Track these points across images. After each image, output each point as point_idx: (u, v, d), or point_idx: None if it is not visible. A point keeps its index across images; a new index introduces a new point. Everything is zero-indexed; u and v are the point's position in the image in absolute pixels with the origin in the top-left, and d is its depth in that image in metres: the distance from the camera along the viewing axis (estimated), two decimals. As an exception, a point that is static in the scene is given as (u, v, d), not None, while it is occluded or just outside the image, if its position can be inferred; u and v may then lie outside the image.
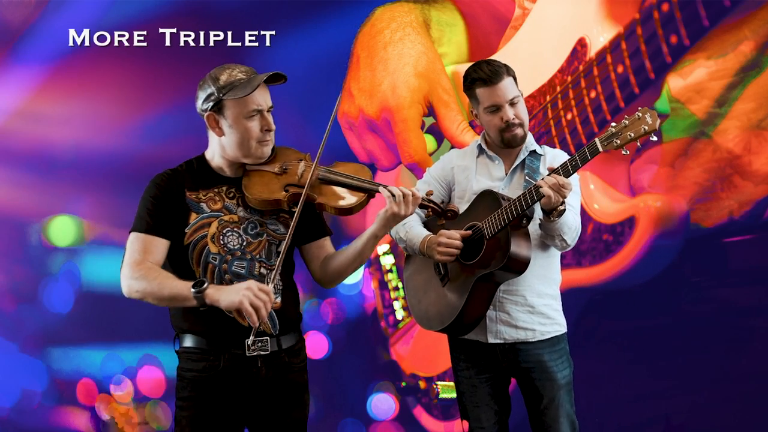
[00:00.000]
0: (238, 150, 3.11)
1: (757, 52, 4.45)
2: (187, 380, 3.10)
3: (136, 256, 3.06)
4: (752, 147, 4.51)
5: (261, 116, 3.10)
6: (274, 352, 3.11)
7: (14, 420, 5.71)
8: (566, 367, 3.50)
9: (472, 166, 3.53)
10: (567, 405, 3.48)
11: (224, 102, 3.07)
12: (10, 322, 5.73)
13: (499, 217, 3.30)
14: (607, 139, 3.17)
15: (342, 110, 5.44)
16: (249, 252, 3.11)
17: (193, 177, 3.15)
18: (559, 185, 3.18)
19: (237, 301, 2.90)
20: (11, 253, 5.75)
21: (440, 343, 5.27)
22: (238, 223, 3.11)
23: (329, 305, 5.57)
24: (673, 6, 4.45)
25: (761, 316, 4.62)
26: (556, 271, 3.55)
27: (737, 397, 4.61)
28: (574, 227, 3.36)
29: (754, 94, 4.49)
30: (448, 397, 5.19)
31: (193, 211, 3.11)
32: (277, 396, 3.13)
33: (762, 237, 4.57)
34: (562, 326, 3.55)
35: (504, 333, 3.46)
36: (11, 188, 5.74)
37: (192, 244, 3.09)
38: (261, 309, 2.91)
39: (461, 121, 5.15)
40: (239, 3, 5.54)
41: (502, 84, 3.40)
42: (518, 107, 3.42)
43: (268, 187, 3.09)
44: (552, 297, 3.52)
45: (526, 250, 3.32)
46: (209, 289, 2.94)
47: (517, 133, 3.43)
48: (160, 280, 2.99)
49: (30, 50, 5.63)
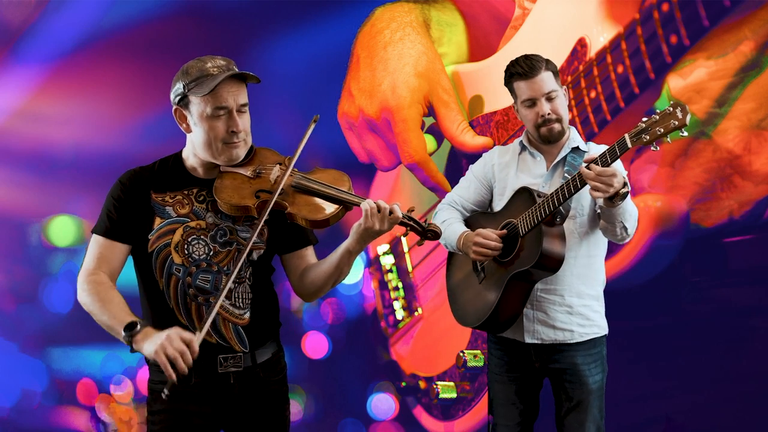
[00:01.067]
0: (206, 150, 2.89)
1: (757, 52, 4.45)
2: (157, 393, 2.85)
3: (91, 264, 2.89)
4: (752, 147, 4.51)
5: (228, 116, 2.86)
6: (248, 368, 2.92)
7: (14, 420, 5.71)
8: (599, 372, 3.45)
9: (513, 162, 3.50)
10: (595, 411, 3.43)
11: (189, 97, 2.88)
12: (10, 322, 5.73)
13: (533, 214, 3.27)
14: (636, 134, 3.11)
15: (342, 110, 5.44)
16: (215, 263, 2.90)
17: (164, 177, 2.95)
18: (599, 176, 3.10)
19: (153, 351, 2.70)
20: (11, 253, 5.76)
21: (440, 343, 5.28)
22: (205, 230, 2.90)
23: (329, 305, 5.57)
24: (673, 6, 4.45)
25: (761, 316, 4.62)
26: (599, 270, 3.48)
27: (737, 397, 4.61)
28: (635, 215, 3.28)
29: (754, 94, 4.48)
30: (448, 397, 5.19)
31: (157, 215, 2.91)
32: (253, 411, 2.96)
33: (762, 237, 4.56)
34: (602, 329, 3.48)
35: (541, 333, 3.42)
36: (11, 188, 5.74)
37: (155, 252, 2.89)
38: (177, 359, 2.67)
39: (461, 121, 5.15)
40: (239, 3, 5.55)
41: (538, 78, 3.36)
42: (556, 102, 3.37)
43: (239, 192, 2.87)
44: (593, 298, 3.46)
45: (560, 247, 3.28)
46: (139, 334, 2.75)
47: (553, 128, 3.38)
48: (102, 304, 2.83)
49: (30, 50, 5.64)
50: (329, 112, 5.43)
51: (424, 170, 5.17)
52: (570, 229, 3.36)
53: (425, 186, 5.22)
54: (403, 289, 5.51)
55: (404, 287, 5.51)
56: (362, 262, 5.59)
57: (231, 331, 2.92)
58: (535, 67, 3.37)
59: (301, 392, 5.43)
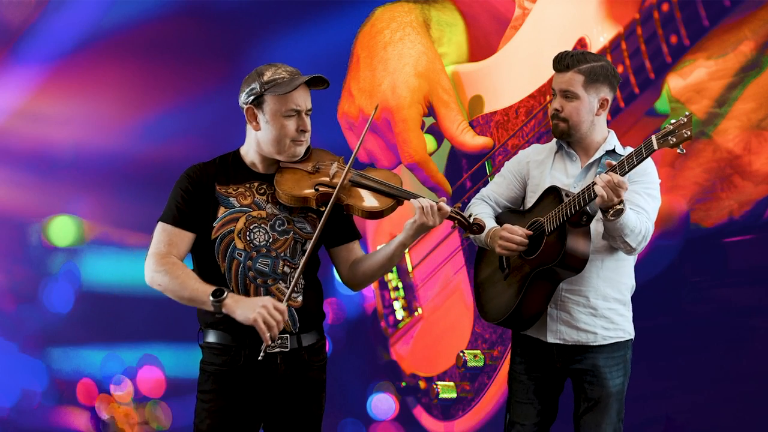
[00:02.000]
0: (273, 146, 3.16)
1: (757, 52, 4.45)
2: (208, 373, 3.16)
3: (162, 248, 3.11)
4: (752, 147, 4.51)
5: (299, 116, 3.15)
6: (294, 350, 3.15)
7: (14, 420, 5.71)
8: (621, 375, 3.44)
9: (548, 161, 3.50)
10: (614, 414, 3.42)
11: (265, 97, 3.13)
12: (10, 322, 5.74)
13: (560, 213, 3.27)
14: (663, 136, 3.13)
15: (342, 110, 5.44)
16: (274, 249, 3.15)
17: (226, 171, 3.19)
18: (615, 183, 3.12)
19: (251, 318, 2.98)
20: (11, 253, 5.76)
21: (440, 343, 5.29)
22: (265, 220, 3.15)
23: (329, 305, 5.57)
24: (673, 6, 4.45)
25: (761, 316, 4.62)
26: (626, 274, 3.47)
27: (737, 397, 4.61)
28: (639, 231, 3.26)
29: (754, 94, 4.48)
30: (448, 397, 5.19)
31: (222, 205, 3.15)
32: (294, 393, 3.17)
33: (762, 237, 4.56)
34: (627, 333, 3.48)
35: (564, 333, 3.40)
36: (11, 188, 5.75)
37: (219, 239, 3.13)
38: (274, 328, 2.98)
39: (461, 121, 5.15)
40: (239, 3, 5.55)
41: (564, 74, 3.38)
42: (572, 104, 3.37)
43: (299, 185, 3.14)
44: (619, 302, 3.45)
45: (584, 247, 3.28)
46: (228, 299, 3.01)
47: (557, 125, 3.40)
48: (183, 279, 3.06)
49: (30, 50, 5.64)
50: (329, 112, 5.43)
51: (424, 170, 5.17)
52: (598, 231, 3.34)
53: (425, 186, 5.22)
54: (403, 289, 5.51)
55: (404, 287, 5.51)
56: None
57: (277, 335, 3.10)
58: (565, 65, 3.39)
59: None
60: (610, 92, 3.41)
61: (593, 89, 3.38)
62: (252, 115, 3.16)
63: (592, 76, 3.37)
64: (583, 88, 3.37)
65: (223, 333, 3.13)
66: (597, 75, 3.38)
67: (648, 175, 3.37)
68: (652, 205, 3.36)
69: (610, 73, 3.40)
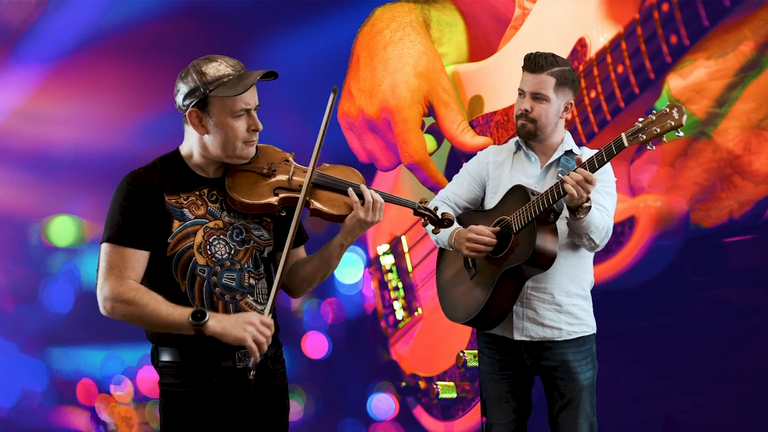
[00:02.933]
0: (222, 150, 2.89)
1: (757, 52, 4.45)
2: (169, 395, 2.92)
3: (117, 274, 2.81)
4: (752, 147, 4.51)
5: (248, 115, 2.89)
6: (261, 361, 2.91)
7: (14, 420, 5.71)
8: (590, 368, 3.50)
9: (507, 162, 3.55)
10: (588, 407, 3.47)
11: (210, 99, 2.85)
12: (10, 322, 5.73)
13: (527, 212, 3.31)
14: (633, 134, 3.18)
15: (342, 110, 5.44)
16: (237, 261, 2.92)
17: (171, 178, 2.91)
18: (584, 180, 3.17)
19: (241, 338, 2.76)
20: (11, 253, 5.76)
21: (440, 343, 5.28)
22: (223, 230, 2.91)
23: (329, 305, 5.57)
24: (673, 6, 4.45)
25: (761, 316, 4.62)
26: (588, 271, 3.53)
27: (737, 397, 4.60)
28: (602, 227, 3.33)
29: (754, 94, 4.48)
30: (448, 397, 5.19)
31: (174, 217, 2.87)
32: (262, 404, 3.00)
33: (762, 237, 4.56)
34: (591, 327, 3.53)
35: (530, 330, 3.45)
36: (11, 188, 5.74)
37: (176, 256, 2.87)
38: (264, 345, 2.79)
39: (461, 121, 5.15)
40: (239, 3, 5.55)
41: (535, 75, 3.41)
42: (541, 105, 3.42)
43: (257, 191, 2.91)
44: (581, 297, 3.50)
45: (552, 245, 3.32)
46: (211, 320, 2.76)
47: (525, 125, 3.44)
48: (153, 306, 2.78)
49: (30, 50, 5.64)
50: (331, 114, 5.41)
51: (424, 170, 5.17)
52: (561, 230, 3.39)
53: (425, 186, 5.22)
54: (403, 289, 5.51)
55: (404, 287, 5.51)
56: (362, 262, 5.59)
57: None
58: (539, 66, 3.42)
59: (301, 392, 5.43)
60: (573, 96, 3.48)
61: (562, 92, 3.44)
62: (196, 118, 2.87)
63: (562, 79, 3.44)
64: (554, 90, 3.42)
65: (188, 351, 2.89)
66: (566, 79, 3.45)
67: (606, 173, 3.43)
68: (610, 202, 3.43)
69: (576, 77, 3.48)
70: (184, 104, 2.89)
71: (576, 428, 3.46)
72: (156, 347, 2.96)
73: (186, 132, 2.97)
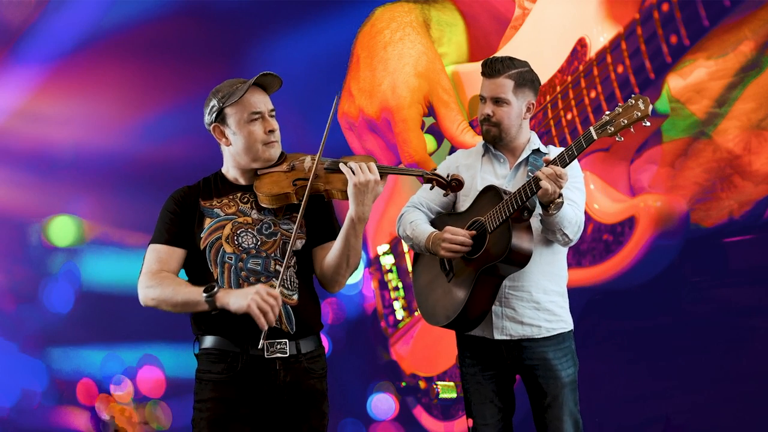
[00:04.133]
0: (246, 155, 3.17)
1: (757, 52, 4.45)
2: (205, 382, 3.12)
3: (152, 266, 3.14)
4: (752, 147, 4.51)
5: (263, 119, 3.16)
6: (293, 356, 3.11)
7: (14, 420, 5.71)
8: (571, 365, 3.52)
9: (477, 164, 3.58)
10: (571, 403, 3.49)
11: (225, 110, 3.16)
12: (10, 322, 5.74)
13: (501, 211, 3.34)
14: (601, 126, 3.25)
15: (342, 110, 5.44)
16: (264, 250, 3.14)
17: (209, 188, 3.23)
18: (556, 175, 3.23)
19: (245, 305, 2.97)
20: (11, 253, 5.76)
21: (440, 343, 5.28)
22: (252, 225, 3.16)
23: (329, 305, 5.57)
24: (673, 6, 4.45)
25: (761, 316, 4.62)
26: (562, 267, 3.56)
27: (737, 397, 4.61)
28: (575, 221, 3.39)
29: (754, 94, 4.48)
30: (448, 397, 5.19)
31: (207, 216, 3.17)
32: (294, 401, 3.12)
33: (762, 237, 4.57)
34: (568, 324, 3.55)
35: (509, 329, 3.48)
36: (11, 188, 5.75)
37: (208, 246, 3.14)
38: (269, 313, 2.97)
39: (461, 121, 5.15)
40: (239, 3, 5.55)
41: (494, 80, 3.47)
42: (502, 109, 3.48)
43: (278, 184, 3.15)
44: (558, 294, 3.53)
45: (528, 242, 3.35)
46: (219, 292, 3.01)
47: (489, 130, 3.50)
48: (174, 287, 3.08)
49: (30, 50, 5.64)
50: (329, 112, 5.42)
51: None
52: (534, 227, 3.42)
53: (425, 186, 5.22)
54: (403, 289, 5.51)
55: (404, 287, 5.51)
56: (362, 262, 5.59)
57: (281, 310, 3.10)
58: (495, 70, 3.47)
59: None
60: (534, 96, 3.52)
61: (521, 94, 3.48)
62: (219, 132, 3.19)
63: (520, 80, 3.48)
64: (513, 93, 3.47)
65: (220, 338, 3.11)
66: (524, 80, 3.49)
67: (574, 169, 3.46)
68: (580, 197, 3.47)
69: (534, 77, 3.52)
70: (208, 122, 3.22)
71: (561, 426, 3.47)
72: (197, 337, 3.17)
73: (222, 151, 3.25)
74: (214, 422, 3.09)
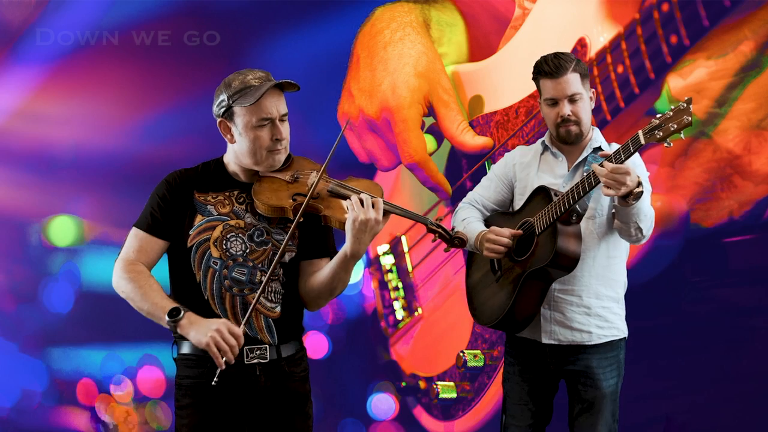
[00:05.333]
0: (249, 158, 3.06)
1: (757, 52, 4.45)
2: (185, 387, 3.07)
3: (131, 254, 3.06)
4: (752, 147, 4.51)
5: (272, 125, 3.03)
6: (274, 361, 3.06)
7: (14, 420, 5.71)
8: (615, 375, 3.43)
9: (534, 162, 3.50)
10: (608, 414, 3.41)
11: (234, 109, 3.03)
12: (10, 322, 5.73)
13: (549, 213, 3.27)
14: (650, 131, 3.11)
15: (342, 110, 5.44)
16: (251, 259, 3.05)
17: (206, 179, 3.11)
18: (611, 172, 3.10)
19: (204, 342, 2.90)
20: (11, 253, 5.76)
21: (440, 343, 5.29)
22: (243, 229, 3.06)
23: (329, 305, 5.55)
24: (673, 6, 4.45)
25: (761, 316, 4.62)
26: (620, 272, 3.47)
27: (737, 397, 4.61)
28: (650, 216, 3.27)
29: (754, 94, 4.48)
30: (448, 397, 5.19)
31: (199, 212, 3.07)
32: (277, 406, 3.08)
33: (762, 237, 4.57)
34: (621, 331, 3.47)
35: (558, 334, 3.40)
36: (11, 188, 5.74)
37: (195, 247, 3.05)
38: (227, 352, 2.89)
39: (461, 121, 5.15)
40: (239, 3, 5.55)
41: (563, 78, 3.34)
42: (578, 105, 3.36)
43: (277, 194, 3.04)
44: (613, 300, 3.44)
45: (575, 246, 3.27)
46: (183, 320, 2.93)
47: (571, 130, 3.37)
48: (145, 290, 3.00)
49: (30, 50, 5.64)
50: (329, 112, 5.43)
51: (424, 170, 5.17)
52: (589, 230, 3.35)
53: (425, 186, 5.22)
54: (403, 289, 5.51)
55: (404, 287, 5.51)
56: (362, 261, 5.59)
57: (262, 323, 3.06)
58: (562, 67, 3.35)
59: (301, 392, 5.42)
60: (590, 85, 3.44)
61: (586, 84, 3.40)
62: (225, 128, 3.07)
63: (583, 71, 3.39)
64: (582, 85, 3.38)
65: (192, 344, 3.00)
66: (585, 70, 3.41)
67: (639, 167, 3.36)
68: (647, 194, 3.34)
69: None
70: (216, 114, 3.08)
71: None
72: (176, 341, 3.09)
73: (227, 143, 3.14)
74: (194, 428, 3.04)
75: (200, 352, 2.99)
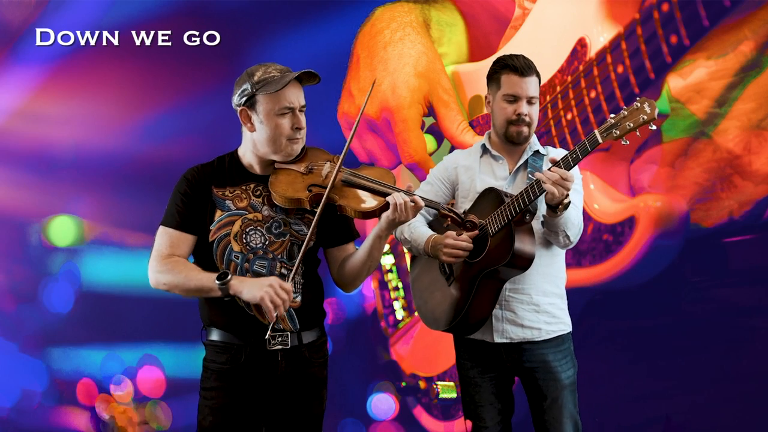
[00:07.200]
0: (269, 146, 3.16)
1: (757, 52, 4.45)
2: (211, 371, 3.20)
3: (163, 250, 3.16)
4: (752, 147, 4.51)
5: (293, 114, 3.14)
6: (295, 347, 3.17)
7: (14, 420, 5.71)
8: (570, 367, 3.52)
9: (475, 165, 3.55)
10: (570, 405, 3.49)
11: (257, 97, 3.13)
12: (10, 322, 5.73)
13: (503, 214, 3.32)
14: (606, 130, 3.21)
15: (342, 110, 5.44)
16: (271, 251, 3.16)
17: (223, 173, 3.21)
18: (562, 178, 3.21)
19: (258, 297, 3.01)
20: (11, 253, 5.75)
21: (440, 343, 5.28)
22: (261, 222, 3.17)
23: (329, 305, 5.57)
24: (673, 6, 4.45)
25: (761, 316, 4.62)
26: (561, 269, 3.56)
27: (737, 397, 4.61)
28: (577, 223, 3.38)
29: (754, 94, 4.49)
30: (448, 397, 5.19)
31: (218, 208, 3.17)
32: (295, 390, 3.20)
33: (762, 237, 4.57)
34: (567, 325, 3.56)
35: (510, 332, 3.47)
36: (11, 188, 5.74)
37: (216, 242, 3.16)
38: (280, 306, 3.01)
39: (461, 121, 5.15)
40: (239, 3, 5.54)
41: (530, 79, 3.44)
42: (534, 108, 3.46)
43: (293, 186, 3.14)
44: (557, 296, 3.53)
45: (530, 245, 3.34)
46: (233, 280, 3.05)
47: (522, 130, 3.44)
48: (186, 273, 3.10)
49: (30, 50, 5.63)
50: (329, 112, 5.43)
51: (424, 170, 5.17)
52: (537, 230, 3.41)
53: (425, 186, 5.22)
54: (403, 289, 5.51)
55: (404, 287, 5.51)
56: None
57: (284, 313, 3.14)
58: (530, 68, 3.45)
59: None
60: None
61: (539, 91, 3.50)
62: (246, 116, 3.17)
63: (539, 78, 3.48)
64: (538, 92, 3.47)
65: (226, 332, 3.17)
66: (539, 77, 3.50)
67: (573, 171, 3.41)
68: (579, 199, 3.46)
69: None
70: (237, 104, 3.17)
71: (561, 428, 3.47)
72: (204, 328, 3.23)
73: (243, 133, 3.23)
74: (217, 410, 3.17)
75: (228, 339, 3.14)
